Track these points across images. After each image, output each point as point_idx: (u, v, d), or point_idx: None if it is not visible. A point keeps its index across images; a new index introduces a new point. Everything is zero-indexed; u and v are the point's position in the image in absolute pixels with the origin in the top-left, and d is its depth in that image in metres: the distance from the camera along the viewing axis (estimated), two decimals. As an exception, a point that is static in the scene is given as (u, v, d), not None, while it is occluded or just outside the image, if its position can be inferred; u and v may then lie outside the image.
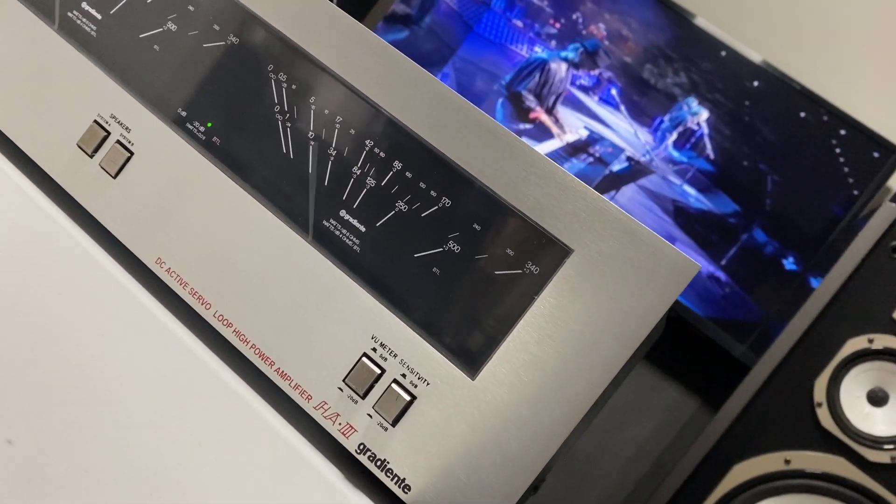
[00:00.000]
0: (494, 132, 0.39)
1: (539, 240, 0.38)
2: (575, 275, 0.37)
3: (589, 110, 1.19)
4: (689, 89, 1.21)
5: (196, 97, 0.44)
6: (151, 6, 0.45)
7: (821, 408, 0.90)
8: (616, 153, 1.18)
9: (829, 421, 0.89)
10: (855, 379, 0.92)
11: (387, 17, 1.22)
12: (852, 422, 0.88)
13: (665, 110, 1.19)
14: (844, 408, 0.90)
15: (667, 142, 1.19)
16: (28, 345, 0.41)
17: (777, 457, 0.91)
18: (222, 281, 0.41)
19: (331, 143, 0.42)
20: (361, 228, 0.41)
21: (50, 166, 0.45)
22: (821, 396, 0.91)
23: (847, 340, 0.91)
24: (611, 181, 1.16)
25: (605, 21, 1.20)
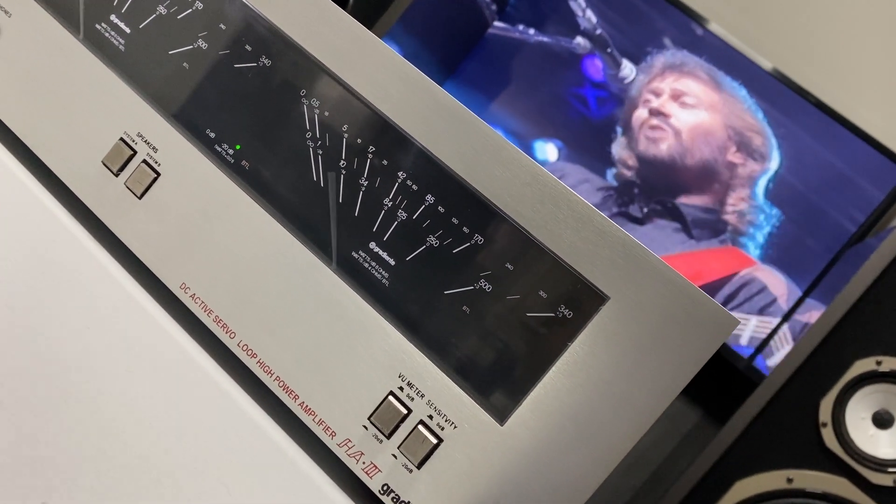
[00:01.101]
0: (532, 172, 0.37)
1: (574, 284, 0.36)
2: (610, 323, 0.35)
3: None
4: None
5: (225, 118, 0.42)
6: (182, 22, 0.44)
7: (825, 428, 0.90)
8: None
9: (834, 441, 0.88)
10: (861, 400, 0.91)
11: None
12: (857, 443, 0.88)
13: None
14: (849, 429, 0.89)
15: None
16: (48, 370, 0.40)
17: (779, 475, 0.91)
18: (248, 310, 0.40)
19: (362, 174, 0.40)
20: (391, 262, 0.39)
21: (74, 183, 0.43)
22: (826, 417, 0.90)
23: (855, 362, 0.90)
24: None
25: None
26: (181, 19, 0.44)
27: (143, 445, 0.38)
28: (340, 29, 0.41)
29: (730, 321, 0.35)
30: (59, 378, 0.39)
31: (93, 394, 0.39)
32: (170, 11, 0.44)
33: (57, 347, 0.40)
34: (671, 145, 1.09)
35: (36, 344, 0.40)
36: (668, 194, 1.13)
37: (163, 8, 0.44)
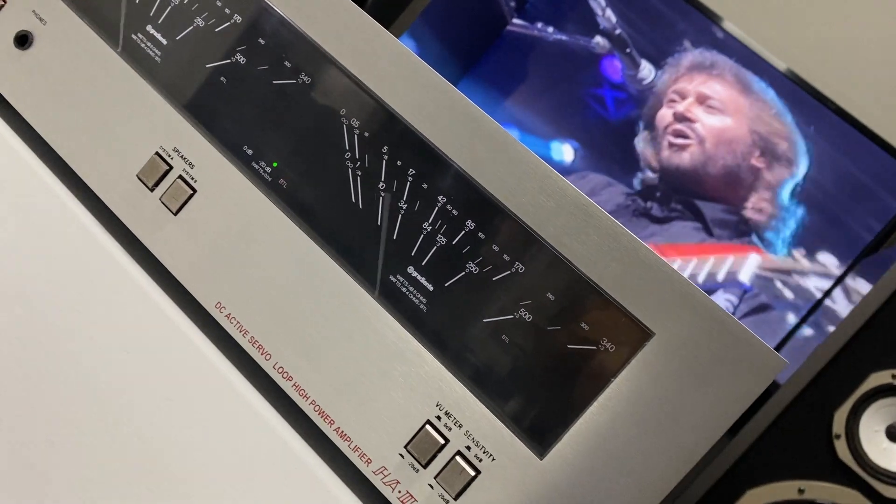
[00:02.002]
0: (578, 202, 0.37)
1: (618, 318, 0.36)
2: (655, 360, 0.35)
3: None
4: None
5: (262, 136, 0.41)
6: (220, 35, 0.43)
7: (839, 440, 0.89)
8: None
9: (847, 453, 0.87)
10: (875, 413, 0.90)
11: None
12: (870, 456, 0.87)
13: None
14: (863, 441, 0.88)
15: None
16: (80, 386, 0.39)
17: (791, 485, 0.90)
18: (284, 331, 0.39)
19: (402, 197, 0.39)
20: (429, 287, 0.39)
21: (108, 197, 0.42)
22: (840, 428, 0.89)
23: (870, 374, 0.89)
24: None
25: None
26: (219, 32, 0.43)
27: (179, 468, 0.37)
28: (384, 50, 0.40)
29: (777, 362, 0.34)
30: (95, 402, 0.39)
31: (124, 405, 0.38)
32: (207, 24, 0.43)
33: (92, 370, 0.39)
34: (694, 154, 1.07)
35: (71, 365, 0.39)
36: (689, 196, 1.12)
37: (200, 20, 0.43)
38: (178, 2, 0.43)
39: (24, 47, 0.45)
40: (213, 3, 0.43)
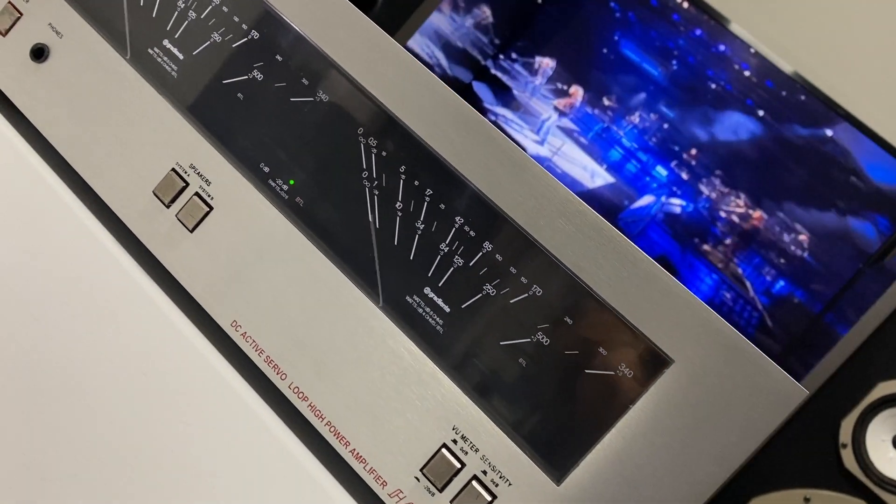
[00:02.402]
0: (597, 227, 0.36)
1: (636, 344, 0.35)
2: (674, 387, 0.34)
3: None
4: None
5: (279, 153, 0.41)
6: (237, 51, 0.42)
7: (845, 449, 0.89)
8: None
9: (853, 463, 0.87)
10: (882, 423, 0.90)
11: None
12: (876, 465, 0.87)
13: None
14: (869, 451, 0.88)
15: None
16: (96, 404, 0.39)
17: (797, 494, 0.90)
18: (300, 351, 0.39)
19: (419, 217, 0.39)
20: (446, 309, 0.38)
21: (124, 212, 0.42)
22: (846, 437, 0.89)
23: (877, 384, 0.89)
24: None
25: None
26: (236, 48, 0.42)
27: (195, 489, 0.37)
28: (401, 69, 0.39)
29: (797, 392, 0.33)
30: (110, 423, 0.38)
31: (139, 421, 0.38)
32: (224, 39, 0.42)
33: (107, 389, 0.39)
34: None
35: (85, 383, 0.39)
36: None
37: (217, 35, 0.42)
38: (195, 17, 0.43)
39: (41, 60, 0.44)
40: (229, 18, 0.42)
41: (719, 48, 1.27)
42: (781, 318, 1.18)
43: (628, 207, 1.27)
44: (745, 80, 1.25)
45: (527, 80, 1.37)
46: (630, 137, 1.30)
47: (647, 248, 1.23)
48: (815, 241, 1.18)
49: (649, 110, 1.30)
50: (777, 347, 1.17)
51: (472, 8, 1.41)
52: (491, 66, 1.38)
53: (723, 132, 1.25)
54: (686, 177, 1.25)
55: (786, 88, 1.23)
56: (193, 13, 0.43)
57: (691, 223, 1.24)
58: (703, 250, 1.22)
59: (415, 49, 1.34)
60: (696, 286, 1.22)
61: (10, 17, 0.45)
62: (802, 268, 1.18)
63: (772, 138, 1.23)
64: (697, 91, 1.28)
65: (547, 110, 1.34)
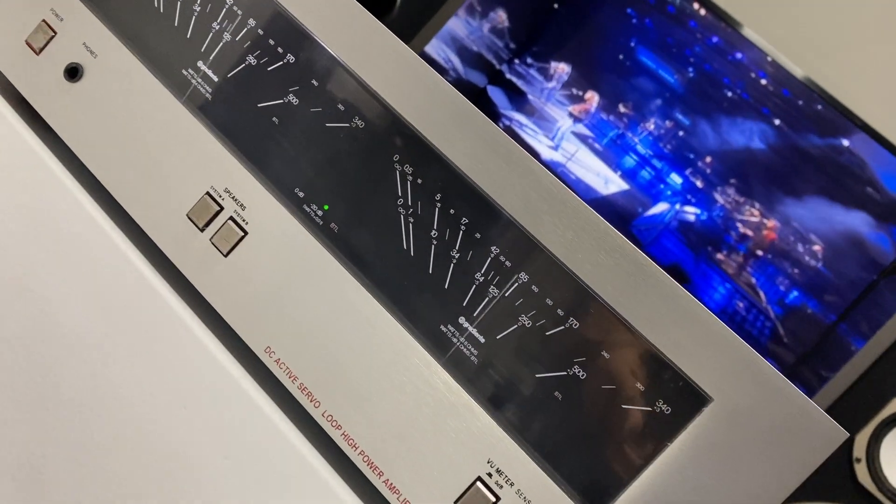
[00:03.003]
0: (636, 261, 0.36)
1: (675, 381, 0.35)
2: (712, 426, 0.34)
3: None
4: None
5: (314, 178, 0.41)
6: (272, 75, 0.42)
7: (859, 463, 0.88)
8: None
9: (867, 477, 0.87)
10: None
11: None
12: (890, 480, 0.87)
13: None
14: (883, 465, 0.88)
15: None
16: (130, 430, 0.39)
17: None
18: (334, 379, 0.39)
19: (454, 246, 0.39)
20: (481, 339, 0.38)
21: (157, 236, 0.42)
22: (860, 452, 0.89)
23: (892, 399, 0.88)
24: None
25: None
26: (271, 72, 0.42)
27: None
28: (439, 98, 0.39)
29: (838, 434, 0.33)
30: (136, 439, 0.38)
31: (171, 448, 0.38)
32: (260, 62, 0.42)
33: (140, 414, 0.39)
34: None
35: (121, 410, 0.39)
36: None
37: (252, 58, 0.42)
38: (230, 39, 0.43)
39: (75, 80, 0.44)
40: (265, 41, 0.42)
41: (736, 56, 1.26)
42: (794, 329, 1.18)
43: (642, 215, 1.27)
44: (761, 88, 1.24)
45: (542, 85, 1.36)
46: (645, 144, 1.30)
47: (661, 255, 1.23)
48: (830, 252, 1.17)
49: (664, 117, 1.29)
50: (789, 358, 1.17)
51: (488, 12, 1.40)
52: (506, 71, 1.38)
53: (738, 141, 1.25)
54: (700, 185, 1.25)
55: (802, 97, 1.22)
56: (228, 35, 0.43)
57: (705, 231, 1.23)
58: (716, 259, 1.22)
59: (430, 53, 1.34)
60: (709, 295, 1.22)
61: (44, 36, 0.44)
62: (816, 278, 1.18)
63: (787, 148, 1.23)
64: (713, 99, 1.27)
65: (561, 116, 1.34)
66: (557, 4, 1.37)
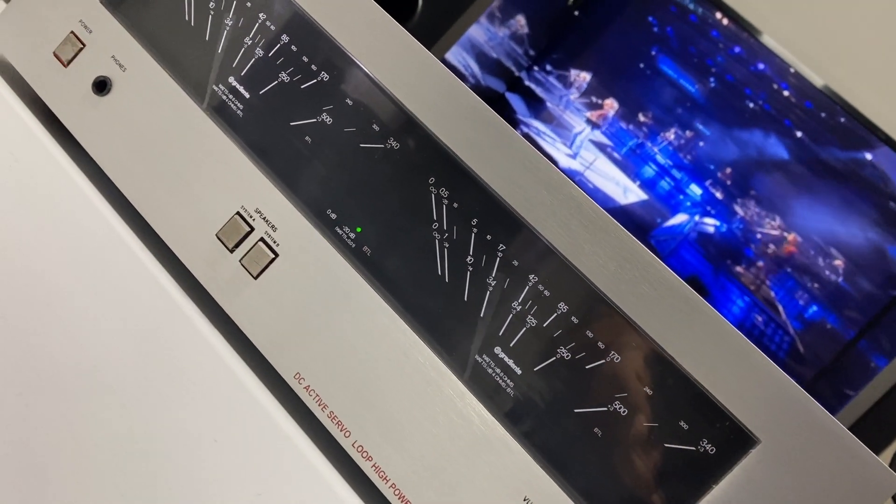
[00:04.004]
0: (683, 295, 0.34)
1: (721, 421, 0.34)
2: (760, 469, 0.33)
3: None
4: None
5: (347, 199, 0.40)
6: (306, 93, 0.41)
7: (881, 485, 0.87)
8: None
9: (889, 501, 0.85)
10: (919, 460, 0.88)
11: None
12: (912, 503, 0.85)
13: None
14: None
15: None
16: (155, 463, 0.38)
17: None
18: (365, 408, 0.38)
19: (490, 273, 0.37)
20: (517, 370, 0.37)
21: (186, 255, 0.41)
22: (882, 473, 0.87)
23: (916, 420, 0.87)
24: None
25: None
26: (305, 90, 0.41)
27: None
28: (478, 121, 0.38)
29: (892, 481, 0.32)
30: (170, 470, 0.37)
31: (195, 478, 0.37)
32: (293, 80, 0.41)
33: (167, 437, 0.37)
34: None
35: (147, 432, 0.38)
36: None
37: (285, 75, 0.41)
38: (262, 54, 0.41)
39: (103, 94, 0.43)
40: (299, 58, 0.41)
41: (758, 66, 1.24)
42: (813, 344, 1.16)
43: (661, 225, 1.25)
44: (783, 100, 1.22)
45: (561, 93, 1.35)
46: (664, 154, 1.28)
47: (679, 267, 1.21)
48: (851, 267, 1.16)
49: (685, 127, 1.27)
50: (808, 373, 1.15)
51: (508, 18, 1.39)
52: (525, 78, 1.37)
53: (759, 152, 1.23)
54: (720, 196, 1.23)
55: (825, 110, 1.21)
56: (261, 51, 0.41)
57: (724, 244, 1.22)
58: (735, 272, 1.20)
59: (449, 59, 1.32)
60: (728, 308, 1.20)
61: (72, 48, 0.43)
62: (836, 293, 1.16)
63: (809, 160, 1.21)
64: (735, 109, 1.25)
65: (580, 124, 1.32)
66: (578, 12, 1.36)
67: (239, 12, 0.42)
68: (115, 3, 0.44)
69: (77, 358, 0.38)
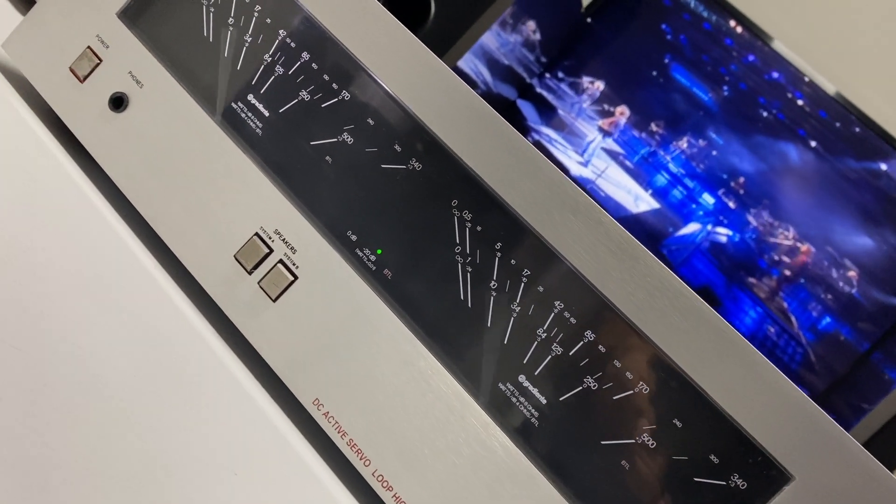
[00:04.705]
0: (715, 326, 0.33)
1: (753, 456, 0.32)
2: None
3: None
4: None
5: (367, 221, 0.39)
6: (326, 112, 0.40)
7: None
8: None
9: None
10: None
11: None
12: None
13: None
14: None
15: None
16: (172, 497, 0.37)
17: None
18: (386, 436, 0.37)
19: (514, 298, 0.36)
20: (542, 400, 0.36)
21: (203, 276, 0.40)
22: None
23: (932, 436, 0.85)
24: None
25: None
26: (326, 108, 0.40)
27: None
28: (503, 143, 0.37)
29: (933, 522, 0.31)
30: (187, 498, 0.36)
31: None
32: (313, 98, 0.40)
33: (185, 460, 0.37)
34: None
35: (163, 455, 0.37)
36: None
37: (306, 93, 0.40)
38: (282, 72, 0.41)
39: (120, 110, 0.42)
40: (319, 76, 0.40)
41: (772, 75, 1.23)
42: (826, 356, 1.15)
43: (673, 234, 1.24)
44: (797, 109, 1.21)
45: (573, 100, 1.34)
46: (677, 163, 1.27)
47: (691, 277, 1.20)
48: (865, 278, 1.14)
49: (698, 136, 1.26)
50: (820, 386, 1.14)
51: (519, 24, 1.38)
52: (536, 85, 1.35)
53: (773, 162, 1.22)
54: (733, 206, 1.22)
55: (839, 119, 1.19)
56: (281, 68, 0.41)
57: (737, 254, 1.20)
58: (747, 282, 1.19)
59: (460, 66, 1.31)
60: (740, 319, 1.19)
61: (88, 63, 0.43)
62: (850, 304, 1.14)
63: (823, 170, 1.20)
64: (748, 118, 1.24)
65: (592, 131, 1.31)
66: (590, 18, 1.35)
67: (258, 29, 0.41)
68: (132, 18, 0.43)
69: (91, 383, 0.38)
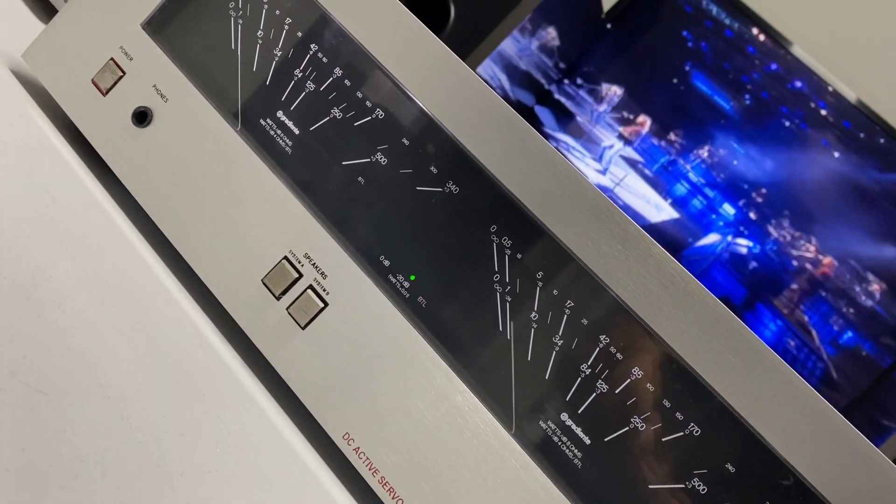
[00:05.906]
0: (774, 367, 0.31)
1: (809, 502, 0.30)
2: (859, 565, 0.29)
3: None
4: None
5: (401, 246, 0.37)
6: (359, 130, 0.38)
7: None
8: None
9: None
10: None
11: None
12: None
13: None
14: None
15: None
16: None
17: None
18: (419, 475, 0.35)
19: (557, 332, 0.34)
20: (586, 440, 0.34)
21: (229, 301, 0.38)
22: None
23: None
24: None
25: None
26: (358, 127, 0.38)
27: None
28: (546, 167, 0.35)
29: None
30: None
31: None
32: (346, 116, 0.38)
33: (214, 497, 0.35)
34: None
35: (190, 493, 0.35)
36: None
37: (338, 111, 0.38)
38: (313, 88, 0.39)
39: (143, 125, 0.40)
40: (352, 93, 0.38)
41: (795, 84, 1.20)
42: (848, 371, 1.12)
43: (692, 245, 1.21)
44: (820, 119, 1.18)
45: (591, 107, 1.31)
46: (697, 172, 1.24)
47: (711, 288, 1.17)
48: (888, 292, 1.12)
49: (719, 145, 1.24)
50: (842, 401, 1.11)
51: (538, 29, 1.35)
52: (555, 91, 1.33)
53: (795, 172, 1.19)
54: (754, 217, 1.19)
55: (864, 130, 1.17)
56: (312, 84, 0.39)
57: (758, 265, 1.18)
58: (768, 295, 1.17)
59: (478, 71, 1.29)
60: (760, 332, 1.16)
61: (112, 76, 0.41)
62: (872, 319, 1.12)
63: (846, 182, 1.17)
64: (770, 128, 1.21)
65: (610, 138, 1.29)
66: (611, 24, 1.32)
67: (288, 42, 0.39)
68: (157, 29, 0.41)
69: (111, 409, 0.36)
